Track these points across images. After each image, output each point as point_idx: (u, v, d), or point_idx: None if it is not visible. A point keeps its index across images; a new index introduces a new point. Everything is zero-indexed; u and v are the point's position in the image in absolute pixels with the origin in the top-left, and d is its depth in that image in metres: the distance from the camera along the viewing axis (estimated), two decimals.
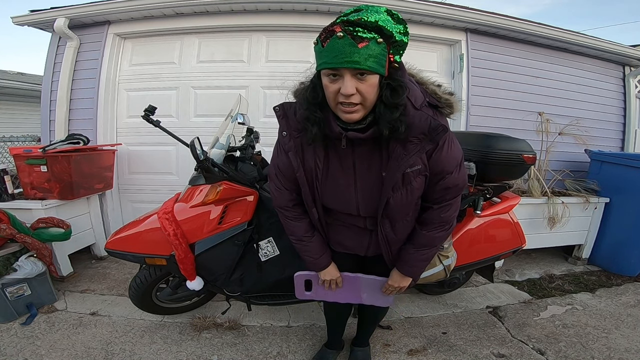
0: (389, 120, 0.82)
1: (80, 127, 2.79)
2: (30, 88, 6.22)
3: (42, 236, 2.00)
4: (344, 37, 0.73)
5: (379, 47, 0.75)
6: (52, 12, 2.69)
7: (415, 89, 0.89)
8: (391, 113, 0.82)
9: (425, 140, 0.88)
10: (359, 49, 0.73)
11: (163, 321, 1.84)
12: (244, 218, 1.56)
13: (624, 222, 2.58)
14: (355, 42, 0.73)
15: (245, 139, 1.89)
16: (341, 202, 1.02)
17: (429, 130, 0.86)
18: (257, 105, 2.83)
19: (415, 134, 0.87)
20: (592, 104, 3.26)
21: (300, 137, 0.96)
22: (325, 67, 0.78)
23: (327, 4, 2.60)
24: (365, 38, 0.73)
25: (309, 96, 0.88)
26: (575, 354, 1.64)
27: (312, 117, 0.88)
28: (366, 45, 0.73)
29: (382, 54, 0.76)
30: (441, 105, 0.91)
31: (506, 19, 2.79)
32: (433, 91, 0.93)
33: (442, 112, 0.92)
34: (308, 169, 0.99)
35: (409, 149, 0.88)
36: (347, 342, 1.64)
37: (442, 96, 0.92)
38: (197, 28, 2.81)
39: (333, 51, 0.74)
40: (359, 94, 0.78)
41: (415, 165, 0.90)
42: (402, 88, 0.82)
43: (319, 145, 0.95)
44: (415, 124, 0.86)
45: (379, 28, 0.74)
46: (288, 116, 0.97)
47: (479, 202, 1.61)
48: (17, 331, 1.72)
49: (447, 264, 1.52)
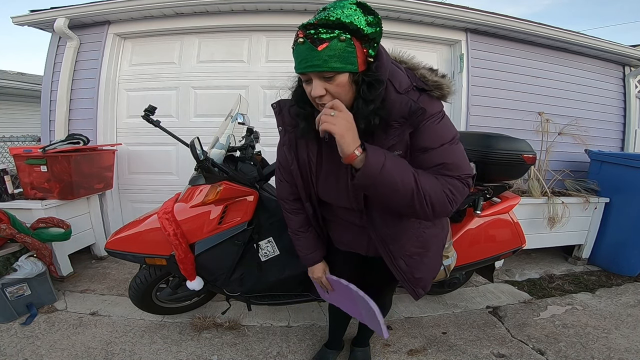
0: (364, 115, 0.82)
1: (80, 127, 2.79)
2: (30, 88, 6.22)
3: (42, 236, 2.00)
4: (304, 42, 0.75)
5: (342, 45, 0.74)
6: (52, 12, 2.69)
7: (400, 74, 0.88)
8: (366, 106, 0.81)
9: (406, 124, 0.86)
10: (318, 52, 0.74)
11: (163, 321, 1.85)
12: (244, 218, 1.56)
13: (624, 222, 2.58)
14: (315, 45, 0.74)
15: (245, 139, 1.89)
16: (335, 194, 1.04)
17: (409, 114, 0.84)
18: (257, 105, 2.83)
19: (396, 118, 0.85)
20: (592, 104, 3.26)
21: (294, 131, 0.99)
22: (296, 72, 0.82)
23: (327, 3, 2.60)
24: (325, 39, 0.73)
25: (296, 94, 0.93)
26: (575, 354, 1.64)
27: (301, 112, 0.92)
28: (326, 46, 0.73)
29: (348, 51, 0.75)
30: (428, 88, 0.88)
31: (506, 19, 2.79)
32: (422, 75, 0.92)
33: (432, 95, 0.89)
34: (302, 163, 1.02)
35: (390, 133, 0.87)
36: (347, 342, 1.64)
37: (430, 79, 0.90)
38: (197, 28, 2.81)
39: (298, 56, 0.78)
40: (330, 95, 0.80)
41: (395, 149, 0.88)
42: (378, 82, 0.80)
43: (311, 140, 0.98)
44: (396, 108, 0.84)
45: (342, 24, 0.73)
46: (283, 112, 1.01)
47: (479, 202, 1.61)
48: (17, 331, 1.72)
49: (447, 264, 1.52)
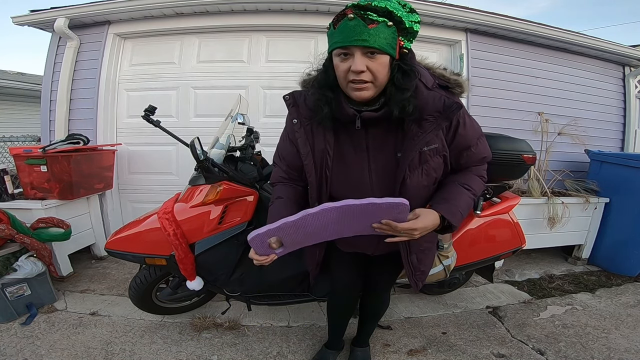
0: (399, 101, 0.85)
1: (80, 127, 2.79)
2: (30, 88, 6.22)
3: (41, 236, 2.00)
4: (354, 19, 0.78)
5: (389, 30, 0.80)
6: (52, 12, 2.69)
7: (425, 72, 0.94)
8: (401, 94, 0.85)
9: (441, 118, 0.91)
10: (368, 29, 0.77)
11: (163, 321, 1.84)
12: (244, 218, 1.56)
13: (624, 222, 2.58)
14: (366, 23, 0.77)
15: (245, 139, 1.89)
16: (353, 187, 0.99)
17: (444, 108, 0.90)
18: (257, 106, 2.83)
19: (431, 112, 0.90)
20: (592, 104, 3.26)
21: (311, 123, 0.98)
22: (336, 47, 0.82)
23: (327, 4, 2.60)
24: (375, 20, 0.78)
25: (320, 79, 0.92)
26: (575, 354, 1.64)
27: (323, 97, 0.91)
28: (376, 26, 0.78)
29: (391, 36, 0.81)
30: (451, 85, 0.97)
31: (506, 19, 2.79)
32: (440, 74, 0.99)
33: (454, 92, 0.97)
34: (318, 156, 0.99)
35: (424, 127, 0.91)
36: (347, 342, 1.64)
37: (451, 77, 0.98)
38: (197, 28, 2.81)
39: (344, 32, 0.79)
40: (370, 72, 0.81)
41: (432, 143, 0.92)
42: (414, 72, 0.86)
43: (329, 131, 0.97)
44: (430, 103, 0.89)
45: (389, 12, 0.79)
46: (298, 104, 1.00)
47: (479, 202, 1.60)
48: (17, 331, 1.72)
49: (447, 264, 1.52)
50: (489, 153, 1.07)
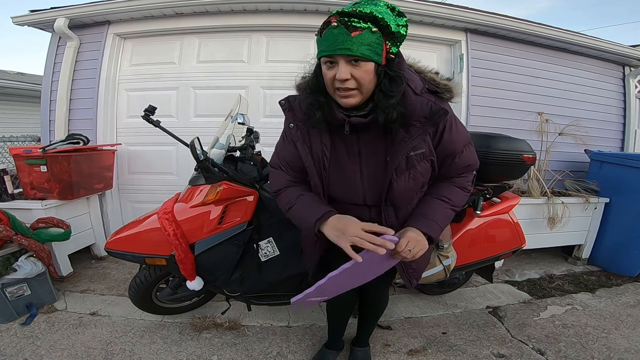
0: (384, 107, 0.86)
1: (80, 127, 2.79)
2: (30, 88, 6.22)
3: (41, 236, 2.00)
4: (338, 27, 0.78)
5: (374, 36, 0.79)
6: (52, 12, 2.69)
7: (414, 76, 0.94)
8: (387, 100, 0.85)
9: (428, 123, 0.91)
10: (351, 37, 0.78)
11: (163, 321, 1.84)
12: (244, 218, 1.56)
13: (624, 222, 2.58)
14: (349, 31, 0.78)
15: (245, 139, 1.89)
16: (347, 190, 1.03)
17: (431, 114, 0.90)
18: (257, 105, 2.83)
19: (418, 118, 0.91)
20: (592, 104, 3.26)
21: (307, 126, 0.99)
22: (322, 55, 0.83)
23: (327, 4, 2.60)
24: (359, 27, 0.78)
25: (312, 84, 0.94)
26: (575, 354, 1.64)
27: (315, 102, 0.93)
28: (359, 34, 0.78)
29: (376, 42, 0.80)
30: (440, 90, 0.95)
31: (506, 19, 2.79)
32: (431, 78, 0.98)
33: (443, 97, 0.96)
34: (316, 158, 1.01)
35: (411, 132, 0.92)
36: (347, 342, 1.64)
37: (440, 82, 0.97)
38: (197, 28, 2.81)
39: (329, 40, 0.80)
40: (354, 80, 0.82)
41: (419, 148, 0.93)
42: (400, 78, 0.86)
43: (325, 133, 0.98)
44: (417, 109, 0.90)
45: (374, 18, 0.78)
46: (294, 108, 1.01)
47: (479, 202, 1.61)
48: (17, 331, 1.72)
49: (447, 264, 1.52)
50: (475, 161, 1.06)
